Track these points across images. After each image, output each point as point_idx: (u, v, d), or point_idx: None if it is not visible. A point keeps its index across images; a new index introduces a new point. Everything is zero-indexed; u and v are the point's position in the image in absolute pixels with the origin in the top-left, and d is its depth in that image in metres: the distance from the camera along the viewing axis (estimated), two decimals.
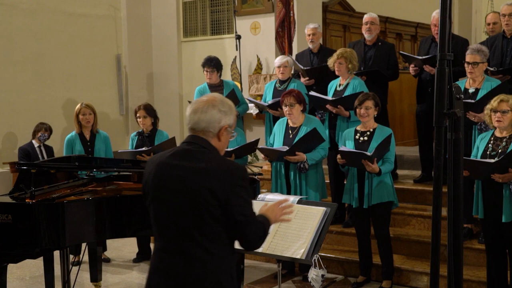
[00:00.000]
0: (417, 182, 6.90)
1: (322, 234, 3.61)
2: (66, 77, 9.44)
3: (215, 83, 7.11)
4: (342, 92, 6.21)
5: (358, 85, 6.16)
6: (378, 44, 6.89)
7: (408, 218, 6.41)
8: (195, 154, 2.61)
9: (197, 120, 2.65)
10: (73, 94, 9.45)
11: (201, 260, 2.56)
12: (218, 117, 2.65)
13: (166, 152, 2.72)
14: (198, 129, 2.65)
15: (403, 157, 7.84)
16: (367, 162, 5.11)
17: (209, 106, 2.65)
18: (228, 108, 2.69)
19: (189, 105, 2.73)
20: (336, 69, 6.22)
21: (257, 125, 8.75)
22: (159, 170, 2.66)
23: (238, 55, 8.93)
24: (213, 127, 2.65)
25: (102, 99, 9.74)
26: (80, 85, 9.60)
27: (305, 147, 5.50)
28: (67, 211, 4.26)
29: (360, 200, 5.37)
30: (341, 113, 6.10)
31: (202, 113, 2.64)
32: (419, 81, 6.81)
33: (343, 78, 6.28)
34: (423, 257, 5.88)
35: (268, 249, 3.62)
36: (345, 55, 6.15)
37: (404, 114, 9.65)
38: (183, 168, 2.59)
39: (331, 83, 6.45)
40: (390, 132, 5.33)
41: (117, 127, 10.15)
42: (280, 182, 5.73)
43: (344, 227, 6.46)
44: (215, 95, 2.74)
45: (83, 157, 5.71)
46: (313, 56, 7.09)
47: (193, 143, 2.65)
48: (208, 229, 2.54)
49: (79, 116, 6.39)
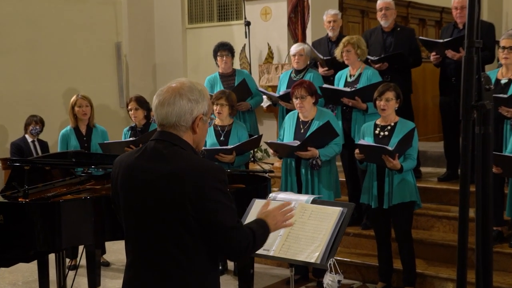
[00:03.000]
0: (441, 180, 6.87)
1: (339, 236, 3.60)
2: (61, 67, 9.49)
3: (227, 72, 7.10)
4: (354, 83, 6.20)
5: (372, 75, 6.15)
6: (397, 30, 6.88)
7: (432, 219, 6.39)
8: (163, 153, 2.45)
9: (165, 115, 2.47)
10: (69, 84, 9.49)
11: (177, 277, 2.43)
12: (188, 107, 2.47)
13: (133, 152, 2.58)
14: (169, 125, 2.48)
15: (427, 153, 7.81)
16: (387, 158, 5.09)
17: (176, 96, 2.46)
18: (198, 94, 2.50)
19: (155, 96, 2.55)
20: (345, 58, 6.23)
21: (268, 118, 8.74)
22: (126, 173, 2.52)
23: (248, 43, 8.93)
24: (185, 120, 2.48)
25: (100, 91, 9.78)
26: (76, 75, 9.65)
27: (317, 142, 5.49)
28: (63, 211, 4.27)
29: (380, 199, 5.35)
30: (357, 105, 6.09)
31: (170, 105, 2.46)
32: (442, 71, 6.78)
33: (353, 67, 6.28)
34: (448, 262, 5.86)
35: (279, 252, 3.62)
36: (352, 42, 6.17)
37: (428, 107, 9.61)
38: (150, 171, 2.45)
39: (339, 74, 6.44)
40: (413, 126, 5.31)
41: (117, 121, 10.18)
42: (290, 180, 5.73)
43: (363, 229, 6.46)
44: (181, 80, 2.54)
45: (80, 153, 5.73)
46: (332, 44, 7.08)
47: (162, 140, 2.49)
48: (182, 241, 2.40)
49: (75, 108, 6.41)
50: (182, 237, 2.41)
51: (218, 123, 6.13)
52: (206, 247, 2.45)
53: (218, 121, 6.13)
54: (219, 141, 6.02)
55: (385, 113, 5.33)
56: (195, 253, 2.43)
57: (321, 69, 6.95)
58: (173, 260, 2.43)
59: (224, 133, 6.07)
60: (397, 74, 6.62)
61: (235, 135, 6.02)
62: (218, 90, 6.30)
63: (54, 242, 4.27)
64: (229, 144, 5.93)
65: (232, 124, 6.12)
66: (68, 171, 5.28)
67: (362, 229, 6.48)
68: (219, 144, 6.00)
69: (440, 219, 6.35)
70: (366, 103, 6.03)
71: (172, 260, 2.43)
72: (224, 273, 6.30)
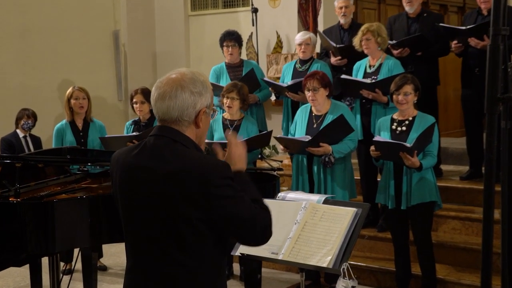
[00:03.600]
0: (464, 179, 6.86)
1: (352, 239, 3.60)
2: (55, 56, 9.50)
3: (235, 62, 7.10)
4: (374, 74, 6.19)
5: (393, 65, 6.13)
6: (423, 16, 6.85)
7: (454, 221, 6.38)
8: (164, 151, 2.44)
9: (166, 109, 2.46)
10: (64, 76, 9.51)
11: (181, 283, 2.44)
12: (191, 100, 2.46)
13: (131, 149, 2.56)
14: (170, 120, 2.47)
15: (448, 150, 7.80)
16: (405, 155, 5.08)
17: (177, 89, 2.44)
18: (201, 86, 2.49)
19: (153, 88, 2.52)
20: (365, 47, 6.21)
21: (277, 112, 8.73)
22: (124, 172, 2.52)
23: (255, 31, 8.91)
24: (188, 115, 2.47)
25: (97, 82, 9.79)
26: (71, 66, 9.66)
27: (330, 137, 5.48)
28: (57, 211, 4.28)
29: (397, 200, 5.34)
30: (378, 98, 6.08)
31: (171, 99, 2.44)
32: (464, 61, 6.75)
33: (373, 57, 6.26)
34: (471, 267, 5.85)
35: (289, 256, 3.62)
36: (371, 29, 6.15)
37: (449, 100, 9.58)
38: (151, 170, 2.44)
39: (358, 64, 6.43)
40: (433, 121, 5.30)
41: (115, 115, 10.20)
42: (302, 179, 5.73)
43: (378, 231, 6.45)
44: (181, 71, 2.52)
45: (76, 149, 5.74)
46: (344, 32, 7.07)
47: (162, 136, 2.48)
48: (187, 245, 2.41)
49: (71, 101, 6.43)
50: (186, 240, 2.40)
51: (227, 117, 6.13)
52: (212, 250, 2.45)
53: (227, 115, 6.13)
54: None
55: (404, 108, 5.32)
56: (201, 257, 2.43)
57: (333, 59, 6.93)
58: (177, 265, 2.43)
59: (233, 128, 6.08)
60: (421, 63, 6.58)
61: (244, 130, 6.03)
62: (230, 82, 6.28)
63: (47, 245, 4.28)
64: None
65: (242, 119, 6.13)
66: (62, 169, 5.29)
67: (378, 231, 6.47)
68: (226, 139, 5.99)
69: (462, 221, 6.34)
70: (387, 95, 6.00)
71: (176, 265, 2.43)
72: (230, 278, 6.30)
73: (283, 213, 3.81)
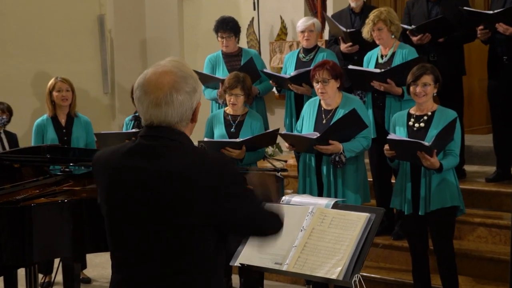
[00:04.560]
0: (490, 181, 6.87)
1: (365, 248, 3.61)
2: (34, 44, 9.49)
3: (232, 51, 7.11)
4: (386, 64, 6.19)
5: (408, 54, 6.14)
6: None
7: (479, 228, 6.38)
8: (160, 149, 2.47)
9: (164, 117, 2.48)
10: (42, 66, 9.50)
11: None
12: (188, 101, 2.50)
13: (118, 148, 2.58)
14: (169, 125, 2.50)
15: (472, 148, 7.80)
16: (424, 155, 5.08)
17: (172, 93, 2.46)
18: (193, 81, 2.52)
19: (137, 89, 2.52)
20: (377, 38, 6.21)
21: (281, 106, 8.74)
22: (112, 175, 2.53)
23: (256, 16, 8.92)
24: (187, 116, 2.52)
25: (80, 73, 9.78)
26: (51, 55, 9.65)
27: (341, 134, 5.48)
28: (35, 216, 4.29)
29: (415, 204, 5.34)
30: (391, 89, 6.07)
31: (168, 105, 2.46)
32: (490, 48, 6.75)
33: (385, 46, 6.26)
34: (498, 279, 5.85)
35: (294, 267, 3.63)
36: (383, 17, 6.14)
37: (474, 92, 9.58)
38: (144, 171, 2.45)
39: (368, 55, 6.44)
40: (455, 116, 5.29)
41: (100, 110, 10.21)
42: (309, 181, 5.73)
43: (394, 239, 6.46)
44: (166, 67, 2.51)
45: (56, 147, 5.75)
46: (355, 16, 7.08)
47: (157, 136, 2.49)
48: (184, 255, 2.44)
49: (53, 93, 6.44)
50: (184, 250, 2.43)
51: (230, 112, 6.15)
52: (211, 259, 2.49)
53: (230, 110, 6.15)
54: (229, 132, 6.06)
55: (422, 101, 5.31)
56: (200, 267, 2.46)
57: (343, 45, 6.93)
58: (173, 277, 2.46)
59: (236, 123, 6.10)
60: (445, 51, 6.59)
61: (248, 127, 6.05)
62: (231, 74, 6.23)
63: (24, 255, 4.30)
64: (240, 137, 5.95)
65: (245, 114, 6.15)
66: (41, 169, 5.30)
67: (393, 239, 6.48)
68: (228, 136, 6.04)
69: (489, 228, 6.34)
70: (401, 86, 5.99)
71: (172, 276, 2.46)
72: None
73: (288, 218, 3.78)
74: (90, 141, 6.55)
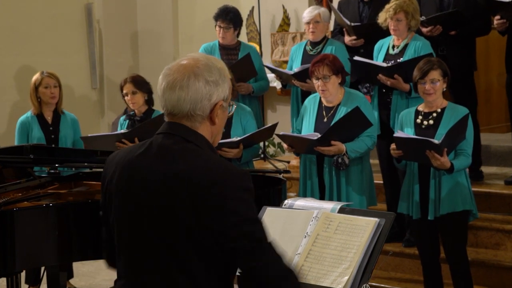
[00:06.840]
0: (510, 183, 6.87)
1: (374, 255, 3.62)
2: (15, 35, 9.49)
3: (230, 44, 7.12)
4: (397, 56, 6.20)
5: (421, 47, 6.14)
6: None
7: (497, 234, 6.39)
8: (174, 151, 2.50)
9: (176, 102, 2.51)
10: (24, 60, 9.49)
11: None
12: (206, 91, 2.51)
13: (135, 148, 2.62)
14: (181, 114, 2.52)
15: (490, 148, 7.80)
16: (433, 154, 5.08)
17: (190, 77, 2.49)
18: (218, 75, 2.54)
19: (161, 76, 2.57)
20: (392, 28, 6.20)
21: (283, 103, 8.75)
22: (125, 175, 2.56)
23: (257, 5, 8.93)
24: (201, 108, 2.52)
25: (66, 67, 9.76)
26: (34, 47, 9.64)
27: (344, 134, 5.49)
28: (17, 222, 4.30)
29: (423, 208, 5.35)
30: (398, 85, 6.08)
31: (182, 88, 2.49)
32: (509, 40, 6.76)
33: (398, 38, 6.25)
34: None
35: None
36: (405, 8, 6.11)
37: (492, 88, 9.58)
38: (156, 172, 2.49)
39: (380, 43, 6.44)
40: (466, 113, 5.29)
41: (87, 106, 10.20)
42: (311, 183, 5.74)
43: (405, 247, 6.48)
44: (194, 56, 2.57)
45: (41, 147, 5.75)
46: (363, 6, 7.08)
47: (172, 134, 2.53)
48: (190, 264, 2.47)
49: (39, 89, 6.42)
50: (190, 258, 2.47)
51: None
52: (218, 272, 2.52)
53: None
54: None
55: (431, 98, 5.31)
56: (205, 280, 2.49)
57: (347, 38, 6.93)
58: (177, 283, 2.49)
59: None
60: (456, 44, 6.60)
61: (238, 122, 5.99)
62: None
63: (5, 263, 4.31)
64: (231, 134, 5.92)
65: None
66: (25, 171, 5.31)
67: (404, 246, 6.49)
68: None
69: (508, 234, 6.35)
70: (409, 83, 6.00)
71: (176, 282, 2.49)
72: None
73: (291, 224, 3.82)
74: (78, 140, 6.53)
